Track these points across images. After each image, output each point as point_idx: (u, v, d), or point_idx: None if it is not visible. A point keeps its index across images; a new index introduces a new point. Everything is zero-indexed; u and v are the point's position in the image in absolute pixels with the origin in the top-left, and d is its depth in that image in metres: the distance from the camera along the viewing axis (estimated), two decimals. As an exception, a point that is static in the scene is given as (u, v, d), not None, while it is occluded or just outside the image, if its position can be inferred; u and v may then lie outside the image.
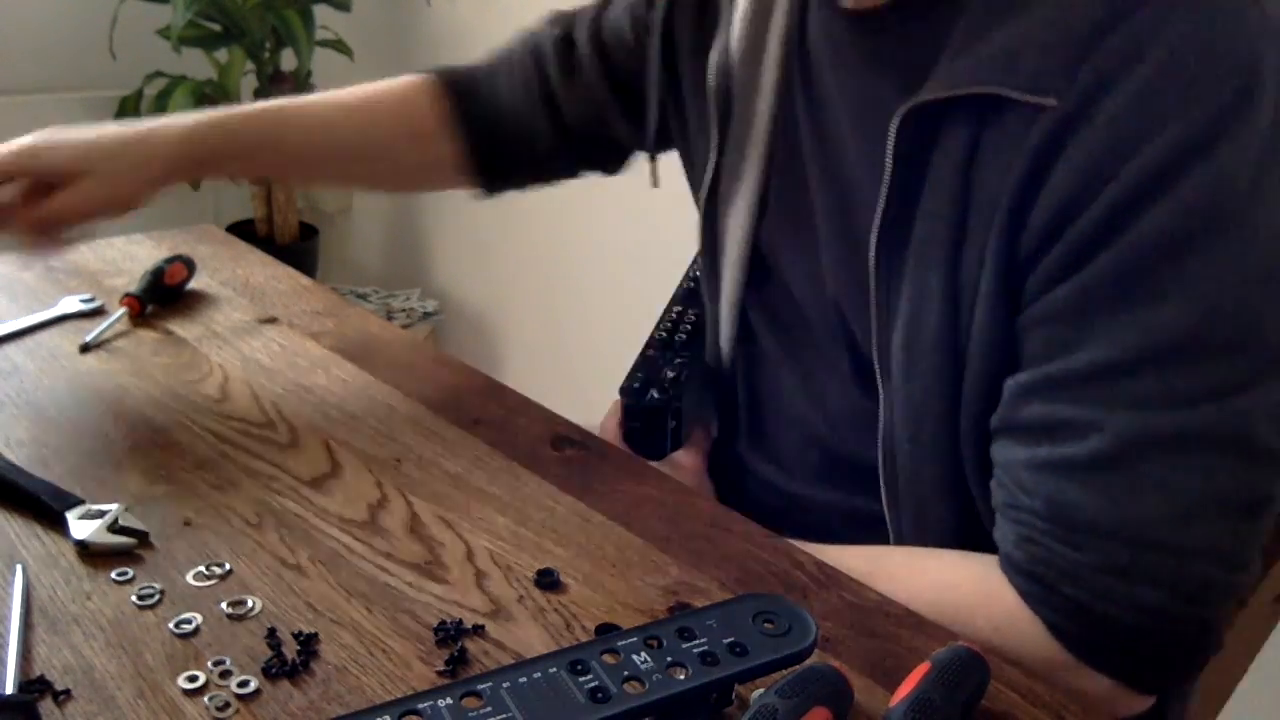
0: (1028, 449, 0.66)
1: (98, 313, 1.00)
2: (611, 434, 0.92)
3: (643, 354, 0.95)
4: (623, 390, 0.91)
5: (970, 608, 0.68)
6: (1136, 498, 0.62)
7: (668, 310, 1.02)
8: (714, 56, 0.85)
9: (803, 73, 0.81)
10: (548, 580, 0.67)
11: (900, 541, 0.78)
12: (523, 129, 1.01)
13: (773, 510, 0.90)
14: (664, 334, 0.98)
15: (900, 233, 0.71)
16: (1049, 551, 0.65)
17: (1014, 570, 0.67)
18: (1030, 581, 0.66)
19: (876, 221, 0.71)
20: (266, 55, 2.48)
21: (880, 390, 0.75)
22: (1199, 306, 0.61)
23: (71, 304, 1.01)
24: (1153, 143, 0.60)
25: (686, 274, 1.09)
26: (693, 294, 1.04)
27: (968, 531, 0.73)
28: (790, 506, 0.89)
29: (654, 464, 0.88)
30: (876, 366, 0.75)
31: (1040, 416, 0.65)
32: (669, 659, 0.53)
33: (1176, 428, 0.61)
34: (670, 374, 0.91)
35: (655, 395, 0.90)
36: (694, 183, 0.93)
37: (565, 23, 1.00)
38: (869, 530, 0.78)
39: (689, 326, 0.99)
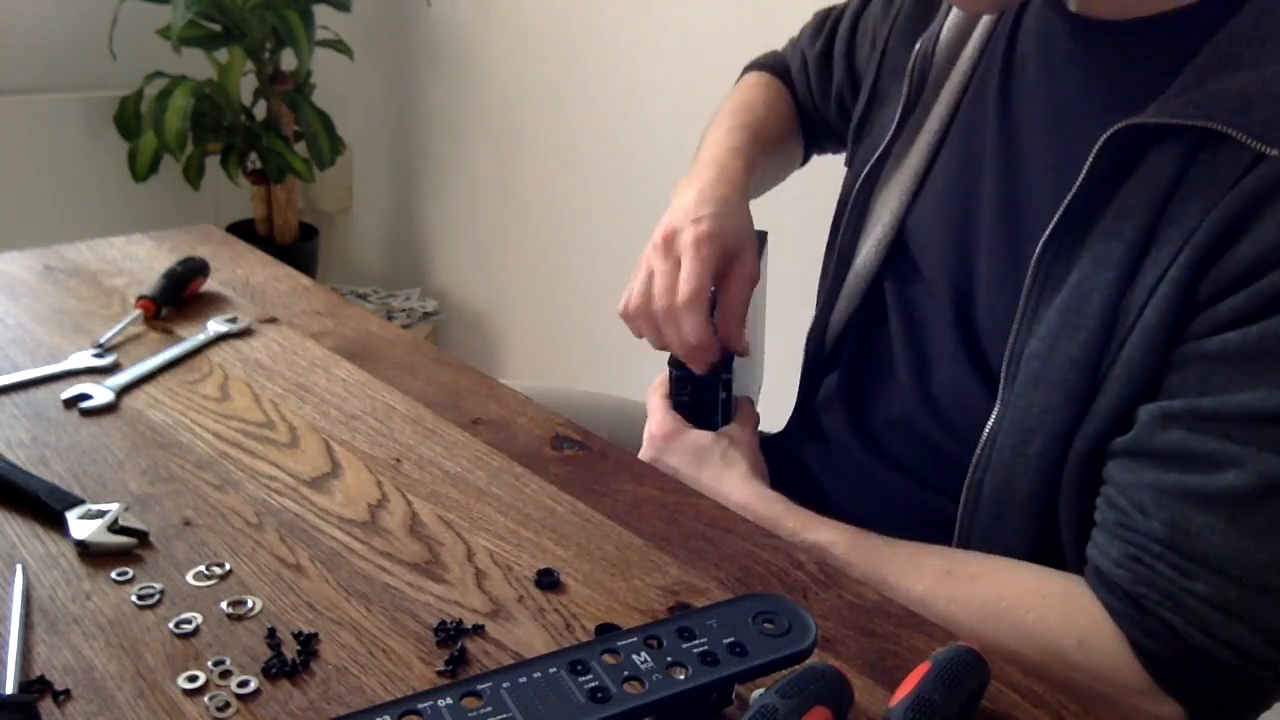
0: (1156, 473, 0.66)
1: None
2: (657, 406, 0.91)
3: None
4: (671, 361, 0.91)
5: (1055, 619, 0.68)
6: (1260, 539, 0.63)
7: None
8: (921, 41, 0.88)
9: (1004, 69, 0.82)
10: (548, 580, 0.67)
11: (965, 545, 0.77)
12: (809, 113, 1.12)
13: (838, 482, 0.91)
14: None
15: (1068, 246, 0.71)
16: (1156, 575, 0.65)
17: (1108, 589, 0.67)
18: (1127, 602, 0.66)
19: (1048, 230, 0.71)
20: (266, 55, 2.48)
21: (1000, 393, 0.75)
22: None
23: (83, 359, 0.91)
24: None
25: None
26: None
27: (1041, 547, 0.73)
28: (858, 482, 0.89)
29: (709, 436, 0.88)
30: (1003, 370, 0.75)
31: (1179, 444, 0.65)
32: (669, 659, 0.53)
33: None
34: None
35: None
36: (854, 159, 0.96)
37: (829, 29, 1.07)
38: (929, 526, 0.78)
39: None
